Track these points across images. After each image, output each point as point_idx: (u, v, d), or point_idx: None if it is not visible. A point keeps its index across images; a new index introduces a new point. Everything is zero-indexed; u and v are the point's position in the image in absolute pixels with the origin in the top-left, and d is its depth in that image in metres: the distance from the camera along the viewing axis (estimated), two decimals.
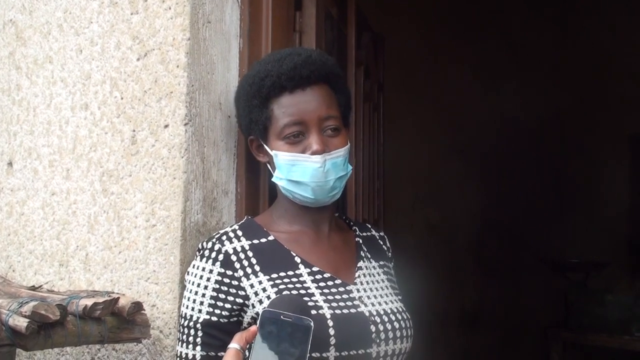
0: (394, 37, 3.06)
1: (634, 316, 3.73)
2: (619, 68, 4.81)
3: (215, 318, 1.20)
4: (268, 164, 1.37)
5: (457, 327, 4.42)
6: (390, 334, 1.24)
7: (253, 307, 1.20)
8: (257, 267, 1.24)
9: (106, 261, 1.50)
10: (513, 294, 4.81)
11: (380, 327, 1.23)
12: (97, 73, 1.55)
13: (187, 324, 1.22)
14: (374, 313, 1.25)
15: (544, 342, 4.14)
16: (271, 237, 1.31)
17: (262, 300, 1.19)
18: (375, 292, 1.31)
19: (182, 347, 1.22)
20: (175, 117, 1.45)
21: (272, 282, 1.22)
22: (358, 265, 1.35)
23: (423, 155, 4.04)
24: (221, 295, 1.21)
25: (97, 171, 1.53)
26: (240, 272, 1.23)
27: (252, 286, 1.21)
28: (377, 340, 1.22)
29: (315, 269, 1.27)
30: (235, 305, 1.21)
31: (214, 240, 1.27)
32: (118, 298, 1.31)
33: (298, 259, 1.27)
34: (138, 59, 1.50)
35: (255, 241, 1.29)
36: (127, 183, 1.49)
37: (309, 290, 1.22)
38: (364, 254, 1.39)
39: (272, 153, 1.31)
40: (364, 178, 2.30)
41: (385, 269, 1.42)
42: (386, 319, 1.26)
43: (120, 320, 1.31)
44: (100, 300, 1.27)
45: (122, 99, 1.51)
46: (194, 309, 1.22)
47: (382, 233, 1.52)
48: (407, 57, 3.77)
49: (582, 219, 4.88)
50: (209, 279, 1.22)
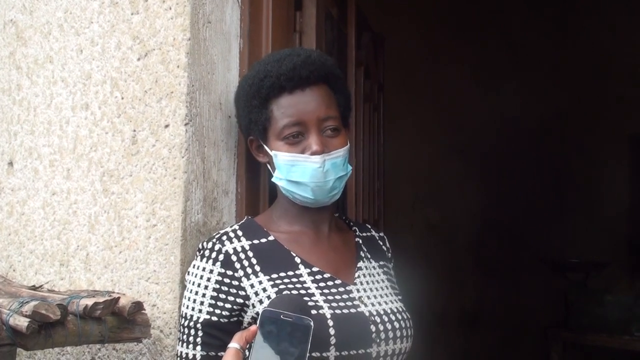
0: (394, 37, 3.06)
1: (634, 316, 3.72)
2: (619, 68, 4.81)
3: (216, 318, 1.20)
4: (268, 164, 1.37)
5: (456, 327, 4.42)
6: (390, 334, 1.24)
7: (253, 307, 1.20)
8: (257, 267, 1.24)
9: (107, 261, 1.50)
10: (513, 294, 4.80)
11: (380, 327, 1.23)
12: (98, 73, 1.55)
13: (187, 323, 1.22)
14: (374, 313, 1.25)
15: (544, 342, 4.14)
16: (271, 237, 1.31)
17: (262, 300, 1.20)
18: (375, 292, 1.32)
19: (182, 347, 1.22)
20: (175, 117, 1.45)
21: (272, 282, 1.22)
22: (358, 266, 1.35)
23: (423, 155, 4.04)
24: (221, 295, 1.21)
25: (98, 171, 1.53)
26: (241, 272, 1.23)
27: (252, 286, 1.22)
28: (377, 340, 1.22)
29: (315, 269, 1.27)
30: (236, 305, 1.21)
31: (214, 240, 1.27)
32: (118, 298, 1.31)
33: (298, 259, 1.28)
34: (138, 59, 1.50)
35: (256, 241, 1.29)
36: (128, 183, 1.49)
37: (309, 291, 1.22)
38: (363, 254, 1.39)
39: (272, 153, 1.31)
40: (364, 178, 2.30)
41: (385, 269, 1.42)
42: (386, 319, 1.26)
43: (121, 320, 1.31)
44: (101, 300, 1.27)
45: (122, 99, 1.52)
46: (194, 309, 1.22)
47: (381, 234, 1.52)
48: (407, 57, 3.77)
49: (582, 219, 4.88)
50: (209, 279, 1.22)
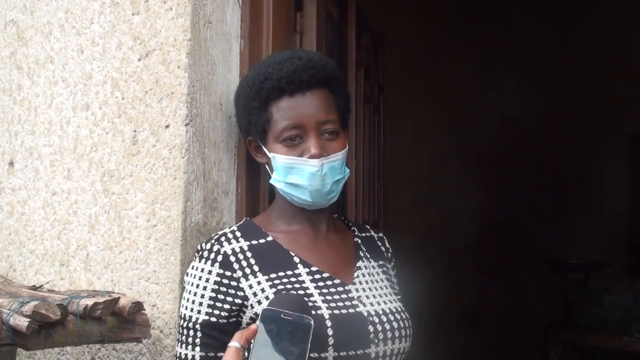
0: (394, 36, 3.06)
1: (634, 317, 3.71)
2: (619, 68, 4.81)
3: (214, 319, 1.20)
4: (266, 165, 1.37)
5: (456, 327, 4.42)
6: (389, 334, 1.24)
7: (252, 307, 1.20)
8: (255, 267, 1.24)
9: (107, 261, 1.50)
10: (513, 294, 4.81)
11: (379, 327, 1.23)
12: (98, 73, 1.56)
13: (186, 324, 1.22)
14: (373, 313, 1.25)
15: (544, 342, 4.14)
16: (270, 238, 1.31)
17: (261, 301, 1.20)
18: (375, 291, 1.31)
19: (182, 347, 1.22)
20: (176, 117, 1.45)
21: (270, 283, 1.22)
22: (357, 265, 1.35)
23: (423, 154, 4.05)
24: (220, 296, 1.21)
25: (98, 171, 1.54)
26: (239, 273, 1.23)
27: (250, 287, 1.22)
28: (376, 341, 1.22)
29: (314, 268, 1.27)
30: (234, 306, 1.21)
31: (213, 241, 1.27)
32: (118, 298, 1.31)
33: (297, 259, 1.28)
34: (139, 60, 1.50)
35: (254, 242, 1.29)
36: (128, 183, 1.49)
37: (307, 291, 1.22)
38: (362, 254, 1.39)
39: (271, 155, 1.32)
40: (364, 179, 2.30)
41: (384, 269, 1.42)
42: (385, 319, 1.25)
43: (121, 320, 1.32)
44: (101, 300, 1.27)
45: (123, 99, 1.52)
46: (193, 310, 1.22)
47: (380, 234, 1.52)
48: (407, 56, 3.77)
49: (582, 218, 4.88)
50: (208, 280, 1.22)
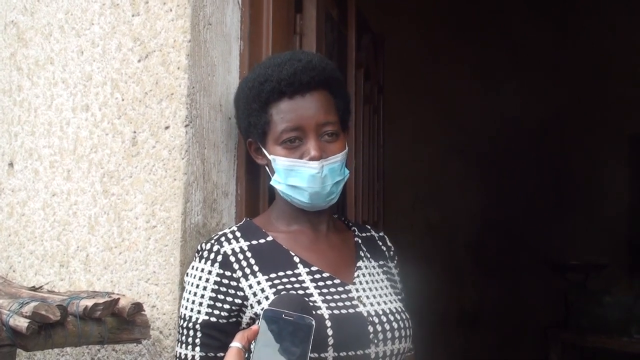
0: (394, 37, 3.06)
1: (633, 317, 3.71)
2: (619, 68, 4.81)
3: (214, 319, 1.20)
4: (266, 167, 1.37)
5: (456, 327, 4.43)
6: (389, 334, 1.24)
7: (252, 307, 1.20)
8: (255, 267, 1.24)
9: (106, 262, 1.50)
10: (513, 294, 4.81)
11: (379, 328, 1.23)
12: (98, 74, 1.56)
13: (186, 324, 1.23)
14: (373, 313, 1.25)
15: (544, 342, 4.14)
16: (270, 238, 1.31)
17: (261, 301, 1.20)
18: (375, 291, 1.31)
19: (182, 348, 1.22)
20: (175, 118, 1.45)
21: (270, 283, 1.22)
22: (357, 265, 1.35)
23: (423, 155, 4.05)
24: (220, 296, 1.21)
25: (98, 172, 1.54)
26: (239, 273, 1.23)
27: (250, 287, 1.22)
28: (375, 341, 1.22)
29: (314, 268, 1.27)
30: (234, 306, 1.21)
31: (213, 241, 1.27)
32: (118, 299, 1.32)
33: (297, 259, 1.28)
34: (139, 61, 1.50)
35: (254, 242, 1.29)
36: (128, 184, 1.49)
37: (307, 291, 1.22)
38: (363, 254, 1.39)
39: (271, 157, 1.32)
40: (363, 180, 2.31)
41: (384, 269, 1.41)
42: (385, 319, 1.26)
43: (120, 321, 1.32)
44: (101, 301, 1.27)
45: (122, 100, 1.52)
46: (192, 310, 1.22)
47: (381, 233, 1.52)
48: (407, 57, 3.77)
49: (582, 219, 4.88)
50: (208, 280, 1.22)
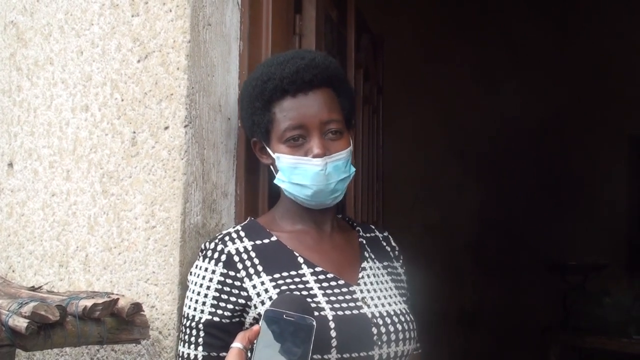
0: (393, 38, 3.07)
1: (632, 319, 3.70)
2: (618, 69, 4.80)
3: (217, 318, 1.21)
4: (271, 166, 1.37)
5: (456, 327, 4.43)
6: (393, 336, 1.24)
7: (255, 307, 1.20)
8: (259, 267, 1.24)
9: (106, 262, 1.50)
10: (512, 294, 4.81)
11: (383, 329, 1.23)
12: (98, 75, 1.56)
13: (189, 324, 1.23)
14: (377, 315, 1.25)
15: (543, 343, 4.14)
16: (274, 238, 1.31)
17: (264, 302, 1.20)
18: (379, 292, 1.31)
19: (184, 347, 1.22)
20: (175, 119, 1.45)
21: (274, 283, 1.22)
22: (362, 266, 1.35)
23: (422, 155, 4.05)
24: (223, 296, 1.21)
25: (97, 172, 1.54)
26: (243, 273, 1.23)
27: (254, 287, 1.22)
28: (379, 343, 1.22)
29: (318, 269, 1.27)
30: (238, 306, 1.21)
31: (217, 241, 1.27)
32: (117, 299, 1.31)
33: (301, 259, 1.28)
34: (138, 61, 1.51)
35: (258, 242, 1.29)
36: (127, 184, 1.49)
37: (311, 291, 1.22)
38: (367, 255, 1.38)
39: (275, 156, 1.32)
40: (362, 181, 2.31)
41: (389, 270, 1.41)
42: (389, 321, 1.25)
43: (120, 321, 1.32)
44: (100, 301, 1.27)
45: (122, 100, 1.52)
46: (196, 309, 1.22)
47: (385, 233, 1.51)
48: (406, 57, 3.77)
49: (581, 219, 4.87)
50: (212, 280, 1.23)
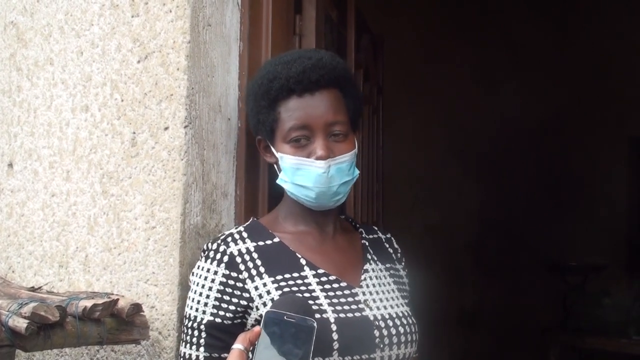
0: (393, 38, 3.07)
1: (632, 319, 3.70)
2: (618, 69, 4.79)
3: (219, 319, 1.20)
4: (275, 165, 1.36)
5: (456, 327, 4.43)
6: (395, 339, 1.23)
7: (257, 309, 1.20)
8: (262, 268, 1.24)
9: (105, 263, 1.51)
10: (512, 294, 4.80)
11: (385, 332, 1.23)
12: (98, 75, 1.56)
13: (190, 324, 1.22)
14: (379, 317, 1.24)
15: (543, 343, 4.14)
16: (276, 239, 1.31)
17: (266, 303, 1.19)
18: (382, 295, 1.30)
19: (186, 347, 1.22)
20: (175, 119, 1.45)
21: (276, 285, 1.22)
22: (364, 268, 1.34)
23: (422, 155, 4.05)
24: (225, 297, 1.21)
25: (97, 173, 1.54)
26: (245, 274, 1.23)
27: (256, 288, 1.22)
28: (381, 345, 1.21)
29: (320, 271, 1.26)
30: (240, 307, 1.21)
31: (219, 241, 1.27)
32: (117, 299, 1.31)
33: (303, 261, 1.27)
34: (138, 62, 1.51)
35: (261, 243, 1.29)
36: (127, 185, 1.50)
37: (313, 294, 1.22)
38: (370, 257, 1.38)
39: (278, 155, 1.31)
40: (362, 181, 2.31)
41: (392, 272, 1.40)
42: (391, 324, 1.25)
43: (120, 321, 1.32)
44: (100, 301, 1.27)
45: (122, 101, 1.52)
46: (198, 310, 1.22)
47: (388, 235, 1.50)
48: (406, 58, 3.77)
49: (581, 219, 4.87)
50: (214, 281, 1.22)
